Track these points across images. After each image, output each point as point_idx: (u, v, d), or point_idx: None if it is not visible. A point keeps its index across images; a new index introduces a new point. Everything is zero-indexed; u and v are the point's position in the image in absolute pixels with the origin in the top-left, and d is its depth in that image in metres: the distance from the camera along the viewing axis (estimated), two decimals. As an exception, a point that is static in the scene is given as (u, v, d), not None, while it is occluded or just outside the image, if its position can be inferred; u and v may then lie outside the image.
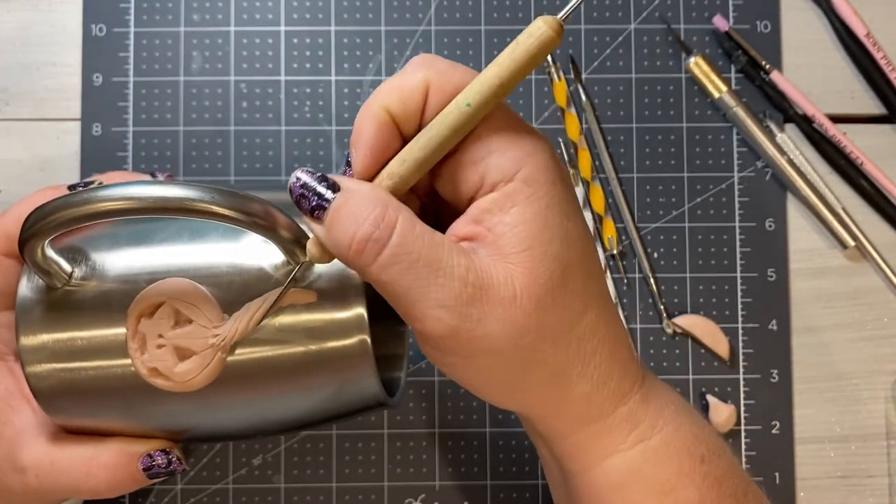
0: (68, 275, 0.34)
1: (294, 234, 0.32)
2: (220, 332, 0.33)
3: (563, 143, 0.51)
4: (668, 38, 0.52)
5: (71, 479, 0.36)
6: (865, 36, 0.51)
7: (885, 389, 0.50)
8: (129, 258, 0.35)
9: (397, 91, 0.31)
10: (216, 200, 0.30)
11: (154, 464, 0.37)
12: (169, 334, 0.33)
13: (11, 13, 0.51)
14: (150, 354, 0.33)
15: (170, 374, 0.33)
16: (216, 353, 0.33)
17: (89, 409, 0.35)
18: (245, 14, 0.51)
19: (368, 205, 0.30)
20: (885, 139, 0.52)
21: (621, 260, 0.50)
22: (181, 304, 0.33)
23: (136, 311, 0.33)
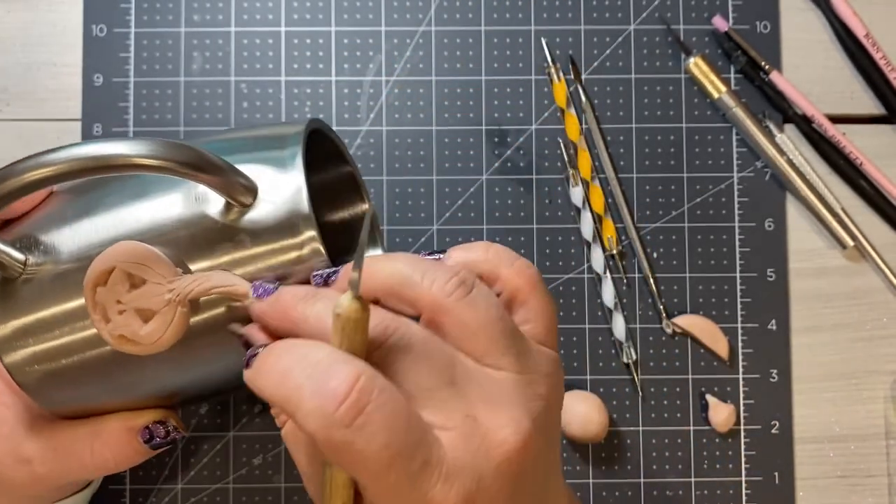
0: (23, 263, 0.34)
1: (230, 176, 0.32)
2: (175, 286, 0.32)
3: (563, 144, 0.51)
4: (667, 39, 0.52)
5: (77, 461, 0.37)
6: (865, 36, 0.51)
7: (884, 389, 0.50)
8: (78, 233, 0.35)
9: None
10: (139, 152, 0.30)
11: (154, 435, 0.37)
12: (126, 298, 0.33)
13: (12, 13, 0.51)
14: (113, 322, 0.33)
15: (136, 337, 0.33)
16: (176, 307, 0.33)
17: (75, 390, 0.36)
18: (245, 14, 0.51)
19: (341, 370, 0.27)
20: (884, 139, 0.52)
21: (621, 260, 0.51)
22: (131, 266, 0.33)
23: (90, 283, 0.33)
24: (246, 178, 0.33)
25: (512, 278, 0.31)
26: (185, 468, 0.49)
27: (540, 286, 0.32)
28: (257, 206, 0.33)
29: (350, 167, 0.43)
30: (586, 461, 0.50)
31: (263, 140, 0.36)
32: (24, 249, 0.35)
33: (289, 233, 0.33)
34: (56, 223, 0.35)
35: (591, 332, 0.50)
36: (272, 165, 0.34)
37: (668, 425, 0.50)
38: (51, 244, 0.35)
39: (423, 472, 0.27)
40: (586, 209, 0.51)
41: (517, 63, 0.51)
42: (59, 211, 0.36)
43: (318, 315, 0.29)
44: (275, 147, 0.35)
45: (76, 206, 0.36)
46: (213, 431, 0.49)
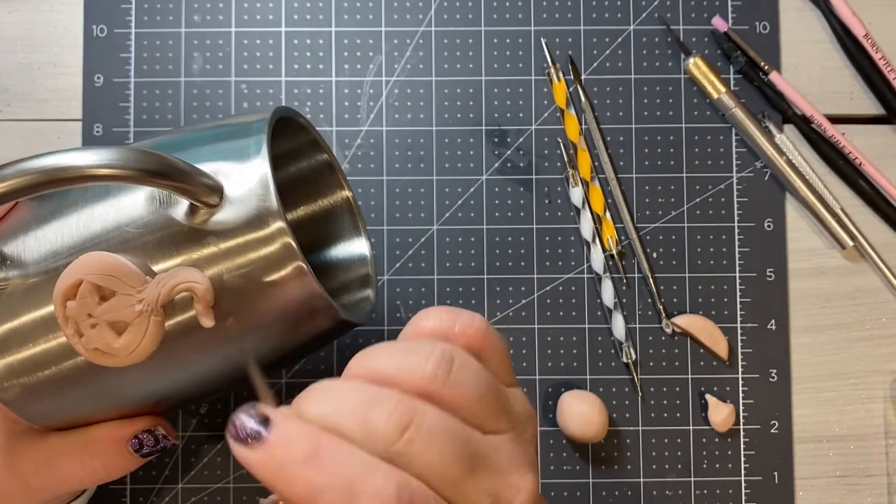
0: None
1: (192, 178, 0.31)
2: (145, 296, 0.32)
3: (563, 144, 0.51)
4: (667, 39, 0.52)
5: (68, 473, 0.37)
6: (864, 37, 0.51)
7: (883, 389, 0.50)
8: (43, 243, 0.34)
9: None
10: (93, 163, 0.29)
11: (143, 444, 0.37)
12: (97, 312, 0.32)
13: (13, 14, 0.51)
14: (87, 337, 0.32)
15: (112, 350, 0.32)
16: (149, 317, 0.32)
17: (57, 402, 0.35)
18: (245, 15, 0.51)
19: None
20: (883, 139, 0.52)
21: (621, 260, 0.51)
22: (98, 279, 0.32)
23: (59, 298, 0.32)
24: (210, 178, 0.32)
25: (461, 336, 0.30)
26: (186, 468, 0.49)
27: (488, 332, 0.31)
28: (224, 205, 0.32)
29: (326, 154, 0.42)
30: (586, 461, 0.50)
31: (227, 130, 0.35)
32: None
33: (257, 227, 0.32)
34: (21, 234, 0.35)
35: (591, 332, 0.50)
36: (237, 157, 0.33)
37: (667, 425, 0.50)
38: (17, 256, 0.34)
39: None
40: (586, 209, 0.51)
41: (517, 63, 0.51)
42: (23, 221, 0.35)
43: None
44: (239, 136, 0.34)
45: (40, 215, 0.35)
46: (213, 431, 0.49)
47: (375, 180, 0.51)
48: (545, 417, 0.50)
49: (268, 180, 0.32)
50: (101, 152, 0.29)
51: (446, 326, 0.30)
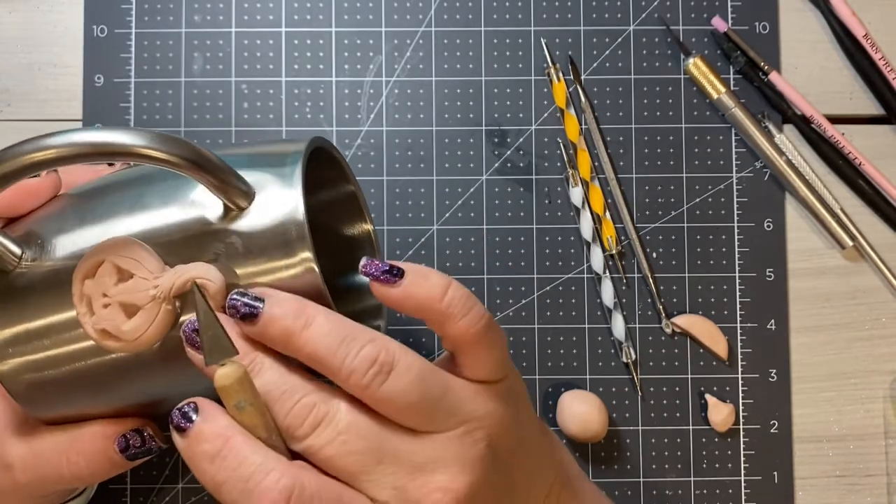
0: (18, 256, 0.35)
1: (227, 176, 0.32)
2: (160, 282, 0.32)
3: (563, 144, 0.51)
4: (667, 39, 0.52)
5: (53, 469, 0.36)
6: (864, 37, 0.51)
7: (883, 389, 0.50)
8: (75, 233, 0.35)
9: None
10: (139, 143, 0.30)
11: (129, 444, 0.36)
12: (112, 291, 0.33)
13: (13, 14, 0.51)
14: (97, 315, 0.33)
15: (119, 333, 0.33)
16: (161, 304, 0.32)
17: (60, 394, 0.35)
18: (246, 15, 0.51)
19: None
20: (883, 140, 0.52)
21: (620, 260, 0.51)
22: (120, 259, 0.32)
23: (79, 274, 0.33)
24: (244, 183, 0.33)
25: (458, 335, 0.33)
26: (186, 468, 0.49)
27: (485, 337, 0.33)
28: (253, 212, 0.33)
29: (353, 187, 0.42)
30: (586, 461, 0.50)
31: (264, 157, 0.36)
32: (22, 245, 0.35)
33: (283, 250, 0.33)
34: (55, 223, 0.36)
35: (591, 331, 0.50)
36: (271, 180, 0.34)
37: (667, 425, 0.50)
38: (47, 242, 0.35)
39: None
40: (586, 209, 0.51)
41: (517, 63, 0.51)
42: (59, 212, 0.36)
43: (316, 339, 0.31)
44: (275, 164, 0.35)
45: (76, 209, 0.36)
46: (214, 431, 0.49)
47: (375, 180, 0.51)
48: (545, 417, 0.50)
49: (299, 208, 0.33)
50: (147, 135, 0.31)
51: (448, 316, 0.33)
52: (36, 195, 0.37)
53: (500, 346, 0.34)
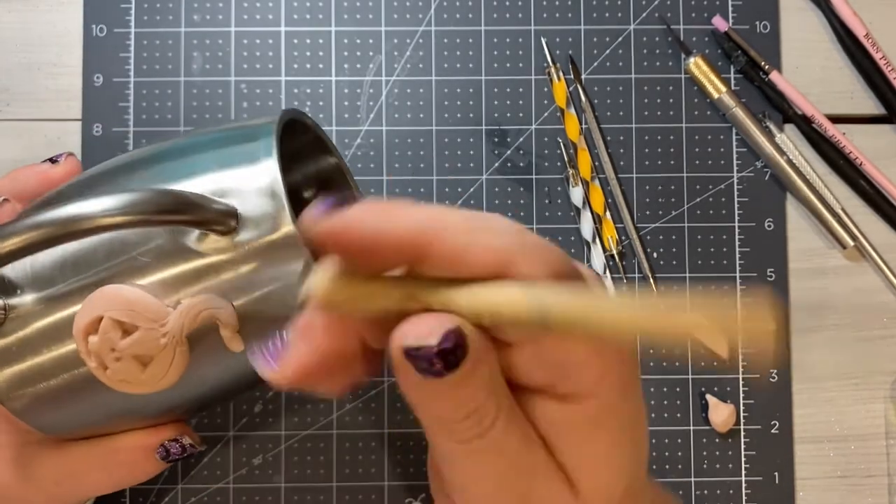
0: (2, 309, 0.33)
1: (205, 210, 0.31)
2: (168, 329, 0.31)
3: (563, 144, 0.51)
4: (667, 39, 0.52)
5: (93, 482, 0.36)
6: (865, 36, 0.51)
7: (884, 389, 0.50)
8: (59, 273, 0.33)
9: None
10: (105, 211, 0.29)
11: (170, 452, 0.36)
12: (120, 346, 0.32)
13: (12, 13, 0.51)
14: (111, 370, 0.32)
15: (138, 382, 0.32)
16: (174, 348, 0.32)
17: (85, 421, 0.35)
18: (245, 14, 0.51)
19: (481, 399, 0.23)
20: (884, 139, 0.52)
21: (621, 260, 0.51)
22: (118, 314, 0.31)
23: (80, 334, 0.32)
24: (223, 205, 0.32)
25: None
26: (185, 468, 0.49)
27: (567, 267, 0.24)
28: (241, 231, 0.32)
29: (335, 158, 0.41)
30: (586, 461, 0.50)
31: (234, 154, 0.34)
32: (2, 295, 0.33)
33: (281, 259, 0.32)
34: (28, 264, 0.34)
35: (591, 332, 0.50)
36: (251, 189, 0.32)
37: (667, 425, 0.50)
38: (27, 288, 0.33)
39: None
40: (586, 209, 0.51)
41: (517, 63, 0.51)
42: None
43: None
44: (248, 162, 0.33)
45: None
46: (213, 431, 0.49)
47: (375, 180, 0.51)
48: (545, 418, 0.50)
49: (282, 201, 0.32)
50: (113, 200, 0.29)
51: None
52: None
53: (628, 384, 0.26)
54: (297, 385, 0.24)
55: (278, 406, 0.49)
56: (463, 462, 0.25)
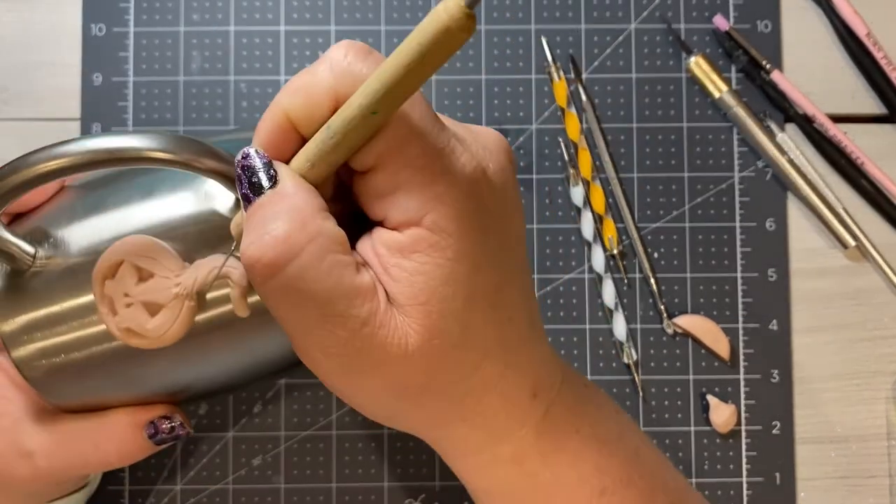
0: (32, 255, 0.35)
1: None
2: (182, 280, 0.33)
3: (564, 143, 0.51)
4: (668, 38, 0.52)
5: (79, 455, 0.36)
6: (866, 35, 0.51)
7: (885, 389, 0.50)
8: (88, 228, 0.35)
9: (302, 95, 0.29)
10: (155, 147, 0.30)
11: (158, 430, 0.37)
12: (133, 291, 0.33)
13: (11, 13, 0.51)
14: (120, 315, 0.33)
15: (143, 331, 0.33)
16: (183, 302, 0.33)
17: (83, 384, 0.36)
18: (245, 14, 0.51)
19: (280, 217, 0.28)
20: (885, 139, 0.52)
21: (621, 260, 0.50)
22: (139, 260, 0.33)
23: (98, 276, 0.33)
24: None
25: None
26: (185, 469, 0.49)
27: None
28: None
29: None
30: (587, 462, 0.49)
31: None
32: (33, 243, 0.35)
33: None
34: (66, 218, 0.36)
35: (592, 332, 0.50)
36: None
37: (668, 426, 0.50)
38: (60, 238, 0.35)
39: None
40: (587, 209, 0.50)
41: (517, 62, 0.51)
42: (70, 206, 0.36)
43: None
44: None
45: (86, 202, 0.36)
46: (213, 432, 0.49)
47: (375, 180, 0.50)
48: (546, 418, 0.50)
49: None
50: (159, 138, 0.31)
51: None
52: (43, 190, 0.36)
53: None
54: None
55: (278, 406, 0.49)
56: (268, 306, 0.29)
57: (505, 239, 0.31)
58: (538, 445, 0.32)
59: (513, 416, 0.32)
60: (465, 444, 0.33)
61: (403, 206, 0.28)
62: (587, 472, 0.33)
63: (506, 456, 0.32)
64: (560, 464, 0.33)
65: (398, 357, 0.28)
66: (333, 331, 0.28)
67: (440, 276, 0.28)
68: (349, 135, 0.28)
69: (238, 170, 0.29)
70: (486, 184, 0.30)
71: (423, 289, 0.28)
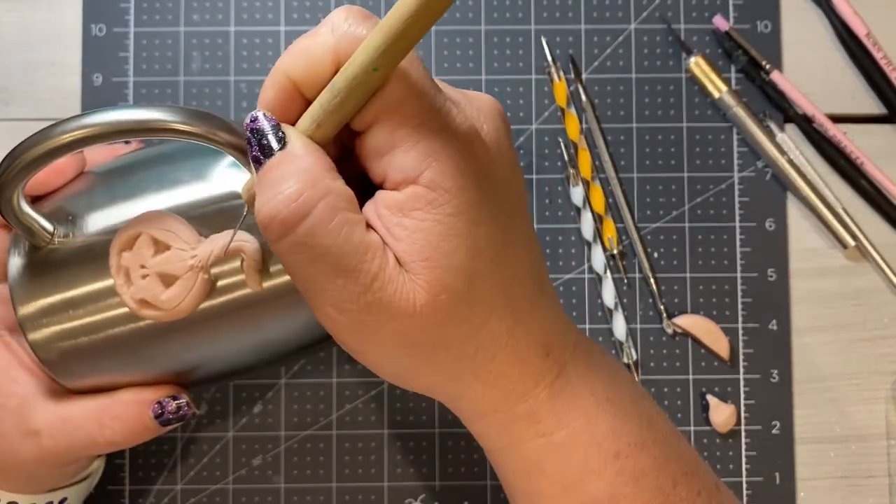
0: (50, 233, 0.35)
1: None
2: (198, 252, 0.33)
3: (564, 143, 0.51)
4: (668, 38, 0.52)
5: (85, 433, 0.37)
6: (866, 36, 0.51)
7: (885, 389, 0.50)
8: (106, 209, 0.36)
9: (304, 57, 0.30)
10: (175, 119, 0.31)
11: (165, 410, 0.37)
12: (150, 262, 0.34)
13: (11, 13, 0.51)
14: (136, 286, 0.34)
15: (157, 302, 0.34)
16: (198, 274, 0.33)
17: (96, 365, 0.36)
18: (245, 14, 0.51)
19: (292, 177, 0.29)
20: (885, 139, 0.52)
21: (621, 260, 0.50)
22: (157, 232, 0.34)
23: (116, 247, 0.34)
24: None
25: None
26: (185, 468, 0.49)
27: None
28: None
29: None
30: (587, 461, 0.50)
31: None
32: (52, 221, 0.35)
33: None
34: (85, 200, 0.36)
35: (592, 332, 0.50)
36: None
37: (668, 425, 0.50)
38: (78, 218, 0.36)
39: None
40: (587, 209, 0.50)
41: (517, 63, 0.51)
42: (88, 189, 0.37)
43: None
44: None
45: (105, 185, 0.37)
46: (213, 432, 0.49)
47: (375, 180, 0.51)
48: (546, 418, 0.50)
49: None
50: (183, 112, 0.31)
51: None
52: (63, 173, 0.37)
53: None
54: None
55: (278, 406, 0.49)
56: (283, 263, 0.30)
57: (504, 197, 0.32)
58: (553, 405, 0.33)
59: (526, 374, 0.32)
60: (482, 404, 0.33)
61: (400, 164, 0.29)
62: (602, 434, 0.33)
63: (521, 415, 0.33)
64: (575, 424, 0.33)
65: (407, 313, 0.29)
66: (345, 286, 0.29)
67: (440, 231, 0.29)
68: (352, 93, 0.28)
69: (248, 133, 0.30)
70: (481, 143, 0.31)
71: (424, 245, 0.29)
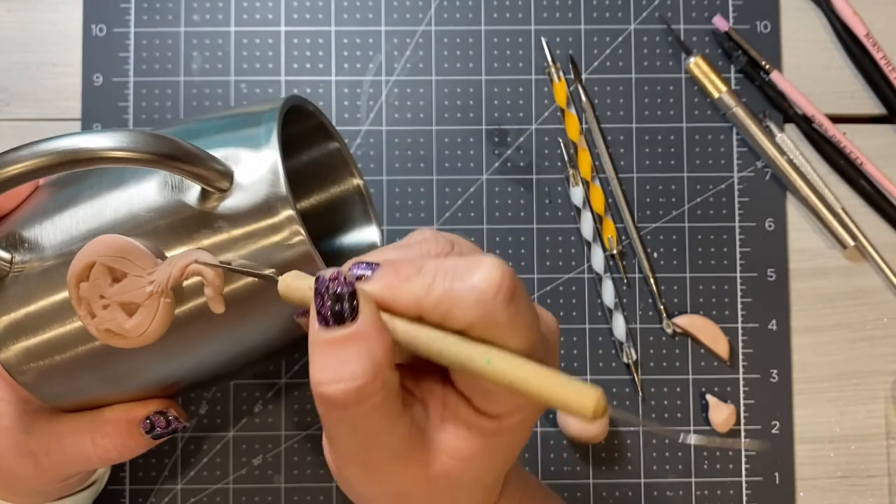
0: (9, 261, 0.35)
1: (203, 163, 0.32)
2: (156, 277, 0.32)
3: (563, 143, 0.51)
4: (667, 39, 0.52)
5: (79, 452, 0.37)
6: (865, 36, 0.51)
7: (884, 389, 0.50)
8: (60, 228, 0.35)
9: (446, 303, 0.28)
10: (110, 145, 0.30)
11: (155, 426, 0.37)
12: (108, 293, 0.33)
13: (11, 13, 0.51)
14: (98, 317, 0.33)
15: (122, 331, 0.33)
16: (160, 299, 0.32)
17: (72, 384, 0.36)
18: (245, 14, 0.51)
19: (356, 361, 0.28)
20: (884, 139, 0.52)
21: (621, 260, 0.51)
22: (110, 260, 0.33)
23: (72, 279, 0.33)
24: (221, 164, 0.33)
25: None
26: (185, 468, 0.49)
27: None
28: (234, 190, 0.33)
29: (337, 142, 0.42)
30: (586, 461, 0.50)
31: (238, 119, 0.36)
32: (9, 248, 0.35)
33: (267, 214, 0.32)
34: (38, 219, 0.35)
35: (592, 332, 0.50)
36: (247, 145, 0.33)
37: (668, 425, 0.50)
38: (34, 240, 0.35)
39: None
40: (586, 209, 0.50)
41: (517, 63, 0.51)
42: (41, 206, 0.36)
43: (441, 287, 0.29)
44: (250, 125, 0.34)
45: (57, 201, 0.36)
46: (213, 431, 0.49)
47: (375, 180, 0.51)
48: (545, 417, 0.50)
49: (278, 168, 0.33)
50: (115, 135, 0.30)
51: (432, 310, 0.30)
52: (16, 194, 0.37)
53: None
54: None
55: (278, 406, 0.49)
56: (335, 426, 0.30)
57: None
58: None
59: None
60: None
61: (501, 406, 0.30)
62: None
63: None
64: None
65: (412, 478, 0.31)
66: (370, 455, 0.30)
67: (485, 462, 0.31)
68: (454, 365, 0.29)
69: (322, 289, 0.29)
70: None
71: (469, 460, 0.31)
